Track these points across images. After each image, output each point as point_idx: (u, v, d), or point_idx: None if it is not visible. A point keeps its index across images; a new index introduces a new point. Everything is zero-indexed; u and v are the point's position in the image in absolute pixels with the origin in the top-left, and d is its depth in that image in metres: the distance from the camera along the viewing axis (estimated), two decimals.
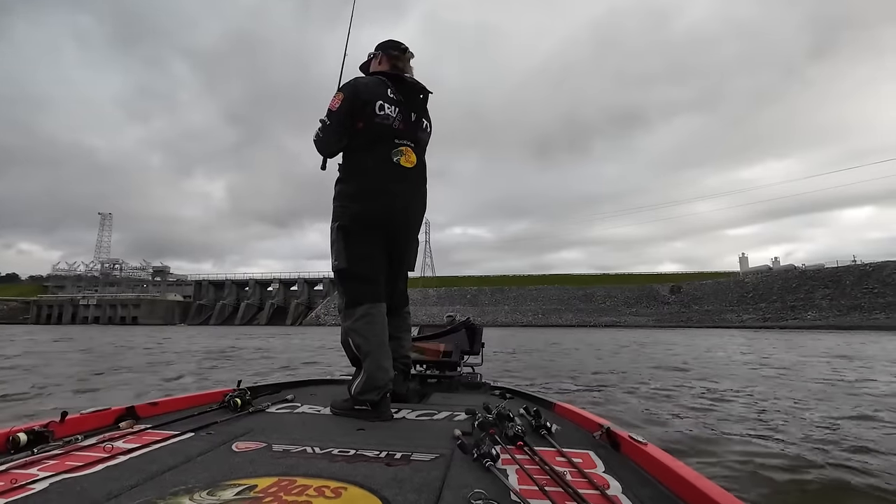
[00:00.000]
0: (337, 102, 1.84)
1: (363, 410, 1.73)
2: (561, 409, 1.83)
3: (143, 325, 51.59)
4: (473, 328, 2.94)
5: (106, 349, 10.83)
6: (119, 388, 4.61)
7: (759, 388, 4.67)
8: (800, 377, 5.55)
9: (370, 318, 1.82)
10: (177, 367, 6.85)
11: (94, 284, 71.97)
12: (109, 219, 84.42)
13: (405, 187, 1.92)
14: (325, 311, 63.39)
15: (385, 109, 1.85)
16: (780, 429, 2.95)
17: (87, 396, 4.07)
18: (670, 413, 3.41)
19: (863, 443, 2.58)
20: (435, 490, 0.97)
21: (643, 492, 1.00)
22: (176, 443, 1.30)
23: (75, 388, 4.51)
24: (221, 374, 6.09)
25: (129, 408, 1.56)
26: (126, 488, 0.96)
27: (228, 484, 0.97)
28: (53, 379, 5.20)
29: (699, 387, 4.74)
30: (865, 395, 4.21)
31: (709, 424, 3.07)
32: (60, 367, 6.70)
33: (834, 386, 4.78)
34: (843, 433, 2.82)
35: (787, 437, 2.79)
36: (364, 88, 1.86)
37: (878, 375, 5.71)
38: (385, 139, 1.86)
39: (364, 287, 1.85)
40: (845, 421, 3.14)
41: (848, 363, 7.35)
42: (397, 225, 1.93)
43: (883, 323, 31.83)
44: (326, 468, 1.09)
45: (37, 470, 1.04)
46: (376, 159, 1.85)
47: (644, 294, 59.58)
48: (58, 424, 1.30)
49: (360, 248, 1.85)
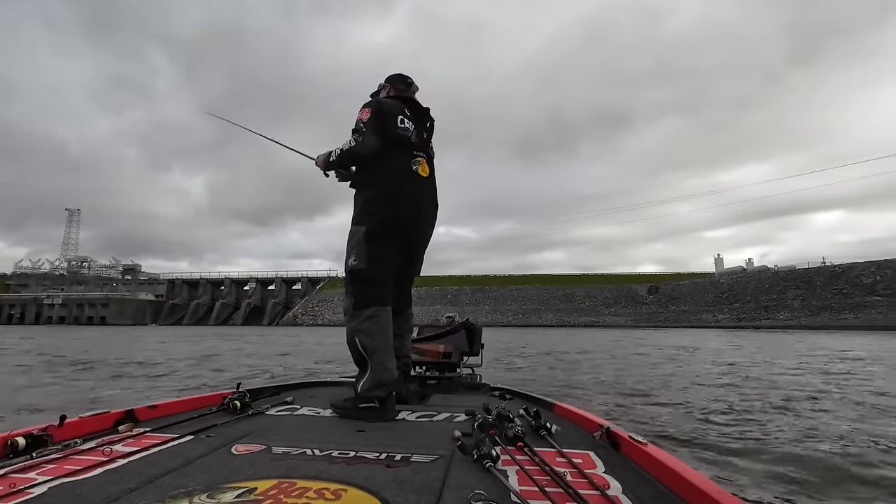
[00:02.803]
0: (367, 114, 1.99)
1: (367, 409, 1.77)
2: (561, 409, 1.83)
3: (111, 325, 49.61)
4: (473, 329, 2.94)
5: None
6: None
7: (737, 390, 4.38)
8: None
9: (377, 319, 1.90)
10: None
11: (60, 283, 69.05)
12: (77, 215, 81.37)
13: (424, 194, 2.09)
14: (303, 311, 62.30)
15: (405, 123, 2.05)
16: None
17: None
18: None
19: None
20: (435, 491, 0.98)
21: (643, 492, 1.00)
22: (175, 446, 1.30)
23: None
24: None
25: (129, 411, 1.56)
26: (125, 492, 0.96)
27: (228, 486, 0.98)
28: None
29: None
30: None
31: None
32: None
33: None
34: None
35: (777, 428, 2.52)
36: (387, 104, 2.06)
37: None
38: (405, 149, 2.04)
39: (374, 290, 1.93)
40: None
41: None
42: (416, 228, 2.07)
43: (852, 323, 32.69)
44: (326, 470, 1.10)
45: (35, 474, 1.04)
46: (399, 167, 2.01)
47: (623, 294, 60.27)
48: (56, 428, 1.29)
49: (381, 251, 1.95)
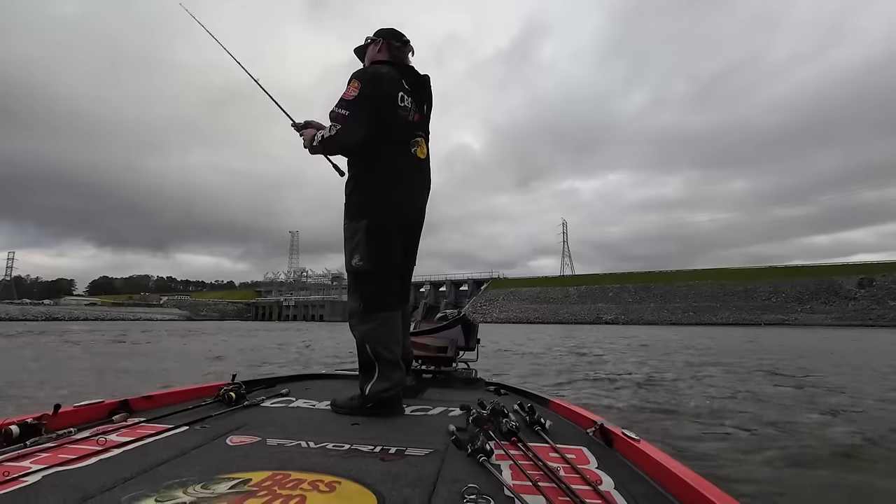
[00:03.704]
0: (354, 90, 1.74)
1: (374, 408, 1.71)
2: (555, 405, 1.84)
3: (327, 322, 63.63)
4: (469, 324, 2.93)
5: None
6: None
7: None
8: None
9: (389, 325, 1.82)
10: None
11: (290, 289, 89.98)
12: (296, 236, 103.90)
13: (422, 179, 1.94)
14: (473, 310, 68.16)
15: (405, 101, 1.84)
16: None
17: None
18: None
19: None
20: (429, 485, 0.98)
21: (635, 488, 1.00)
22: (170, 436, 1.30)
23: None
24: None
25: (123, 401, 1.56)
26: (119, 481, 0.95)
27: (223, 478, 0.98)
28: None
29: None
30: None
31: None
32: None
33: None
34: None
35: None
36: (387, 78, 1.81)
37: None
38: (405, 131, 1.86)
39: (383, 293, 1.83)
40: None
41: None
42: (415, 220, 1.95)
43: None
44: (321, 462, 1.10)
45: (29, 462, 1.04)
46: (399, 152, 1.84)
47: (822, 288, 52.51)
48: (51, 417, 1.30)
49: (385, 248, 1.83)
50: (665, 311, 56.34)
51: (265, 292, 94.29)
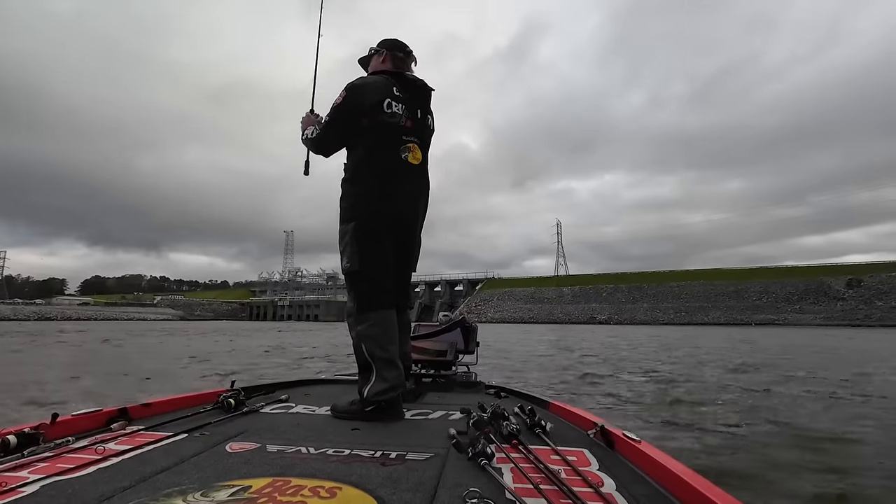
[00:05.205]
0: (339, 99, 1.87)
1: (374, 413, 1.71)
2: (556, 407, 1.84)
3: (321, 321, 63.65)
4: (468, 327, 2.94)
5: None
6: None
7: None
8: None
9: (383, 324, 1.84)
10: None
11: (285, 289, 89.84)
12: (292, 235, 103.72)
13: (414, 184, 1.97)
14: (468, 310, 67.82)
15: (393, 107, 1.88)
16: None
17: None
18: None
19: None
20: (430, 489, 0.97)
21: (637, 489, 1.00)
22: (169, 444, 1.29)
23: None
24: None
25: (122, 409, 1.55)
26: (118, 490, 0.95)
27: (222, 485, 0.97)
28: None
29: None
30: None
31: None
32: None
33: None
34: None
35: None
36: (372, 86, 1.90)
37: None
38: (394, 136, 1.90)
39: (376, 292, 1.86)
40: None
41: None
42: (408, 222, 1.98)
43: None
44: (321, 468, 1.10)
45: (27, 472, 1.03)
46: (386, 157, 1.88)
47: (811, 289, 53.30)
48: (48, 426, 1.28)
49: (374, 249, 1.87)
50: (658, 311, 56.90)
51: (260, 292, 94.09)
